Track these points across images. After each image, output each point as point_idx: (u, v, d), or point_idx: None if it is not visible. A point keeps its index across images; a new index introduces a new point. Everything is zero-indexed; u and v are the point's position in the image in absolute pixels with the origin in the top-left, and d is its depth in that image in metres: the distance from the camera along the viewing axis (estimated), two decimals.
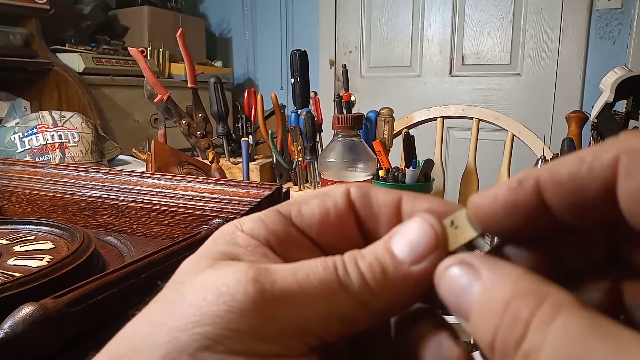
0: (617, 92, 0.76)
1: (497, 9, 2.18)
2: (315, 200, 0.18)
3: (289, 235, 0.17)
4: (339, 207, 0.17)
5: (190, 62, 1.16)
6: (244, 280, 0.14)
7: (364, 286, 0.14)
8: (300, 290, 0.14)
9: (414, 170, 0.79)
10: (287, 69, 2.42)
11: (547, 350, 0.11)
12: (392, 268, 0.15)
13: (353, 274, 0.15)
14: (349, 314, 0.14)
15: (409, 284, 0.15)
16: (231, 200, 0.43)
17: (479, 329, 0.13)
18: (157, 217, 0.45)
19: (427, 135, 1.47)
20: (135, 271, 0.30)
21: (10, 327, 0.22)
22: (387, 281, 0.15)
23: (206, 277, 0.15)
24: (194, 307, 0.14)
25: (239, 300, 0.13)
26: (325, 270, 0.14)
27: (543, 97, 2.14)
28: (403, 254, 0.15)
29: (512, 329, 0.12)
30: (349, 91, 1.06)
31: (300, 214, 0.17)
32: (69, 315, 0.25)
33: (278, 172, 1.06)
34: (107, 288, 0.28)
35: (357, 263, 0.15)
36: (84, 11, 2.26)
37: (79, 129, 1.16)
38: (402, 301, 0.15)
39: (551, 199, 0.14)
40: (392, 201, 0.17)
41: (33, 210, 0.50)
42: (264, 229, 0.17)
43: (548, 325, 0.11)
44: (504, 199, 0.14)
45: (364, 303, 0.14)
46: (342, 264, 0.15)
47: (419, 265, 0.15)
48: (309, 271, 0.14)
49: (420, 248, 0.15)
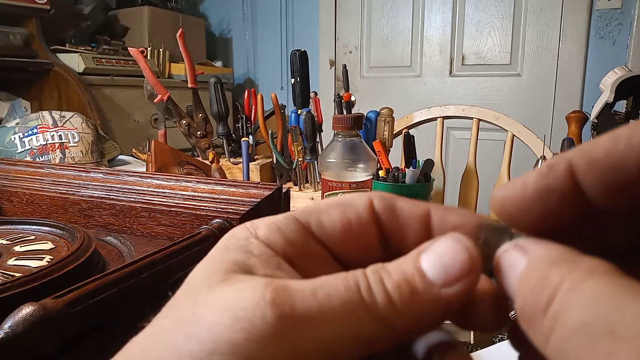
0: (617, 92, 0.76)
1: (497, 9, 2.18)
2: (336, 210, 0.17)
3: (306, 246, 0.16)
4: (362, 219, 0.16)
5: (190, 62, 1.16)
6: (262, 303, 0.13)
7: (390, 306, 0.14)
8: (321, 312, 0.13)
9: (414, 170, 0.79)
10: (287, 69, 2.42)
11: (574, 309, 0.11)
12: (421, 289, 0.14)
13: (378, 294, 0.14)
14: (371, 334, 0.14)
15: (438, 307, 0.14)
16: (231, 200, 0.43)
17: (518, 301, 0.13)
18: (157, 217, 0.45)
19: (427, 135, 1.47)
20: (136, 271, 0.30)
21: (10, 327, 0.22)
22: (415, 302, 0.14)
23: (221, 296, 0.14)
24: (208, 331, 0.13)
25: (258, 327, 0.13)
26: (347, 290, 0.14)
27: (543, 97, 2.14)
28: (434, 275, 0.14)
29: (542, 293, 0.12)
30: (349, 91, 1.06)
31: (320, 224, 0.16)
32: (69, 315, 0.25)
33: (278, 172, 1.06)
34: (107, 288, 0.28)
35: (382, 281, 0.14)
36: (84, 11, 2.26)
37: (79, 129, 1.16)
38: (429, 322, 0.15)
39: (586, 180, 0.13)
40: (420, 214, 0.16)
41: (33, 210, 0.50)
42: (280, 238, 0.16)
43: (577, 287, 0.11)
44: (535, 186, 0.14)
45: (388, 323, 0.14)
46: (365, 283, 0.14)
47: (451, 289, 0.14)
48: (329, 291, 0.14)
49: (453, 271, 0.14)
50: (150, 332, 0.14)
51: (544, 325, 0.12)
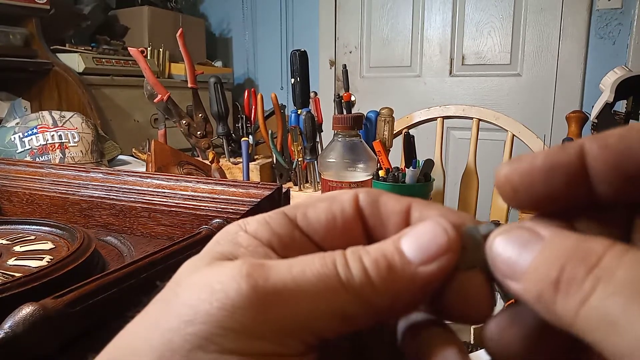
0: (617, 92, 0.76)
1: (497, 9, 2.18)
2: (322, 204, 0.17)
3: (293, 239, 0.17)
4: (346, 213, 0.17)
5: (190, 62, 1.16)
6: (238, 276, 0.14)
7: (367, 282, 0.14)
8: (296, 285, 0.14)
9: (414, 170, 0.79)
10: (287, 69, 2.42)
11: (622, 269, 0.11)
12: (399, 266, 0.14)
13: (355, 269, 0.14)
14: (349, 310, 0.14)
15: (415, 285, 0.14)
16: (231, 200, 0.43)
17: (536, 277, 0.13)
18: (157, 217, 0.45)
19: (427, 135, 1.47)
20: (136, 271, 0.30)
21: (10, 327, 0.22)
22: (393, 279, 0.14)
23: (201, 276, 0.14)
24: (187, 306, 0.13)
25: (232, 297, 0.13)
26: (323, 265, 0.14)
27: (543, 97, 2.14)
28: (412, 253, 0.15)
29: (584, 260, 0.12)
30: (349, 91, 1.06)
31: (306, 218, 0.17)
32: (69, 315, 0.25)
33: (278, 172, 1.06)
34: (107, 288, 0.28)
35: (361, 259, 0.14)
36: (84, 11, 2.26)
37: (79, 129, 1.16)
38: (406, 301, 0.15)
39: (595, 163, 0.13)
40: (401, 209, 0.17)
41: (33, 210, 0.50)
42: (268, 231, 0.16)
43: (622, 256, 0.12)
44: (544, 160, 0.14)
45: (366, 300, 0.14)
46: (342, 259, 0.14)
47: (428, 267, 0.14)
48: (305, 266, 0.14)
49: (430, 250, 0.14)
50: (137, 318, 0.15)
51: (585, 287, 0.12)
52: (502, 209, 1.12)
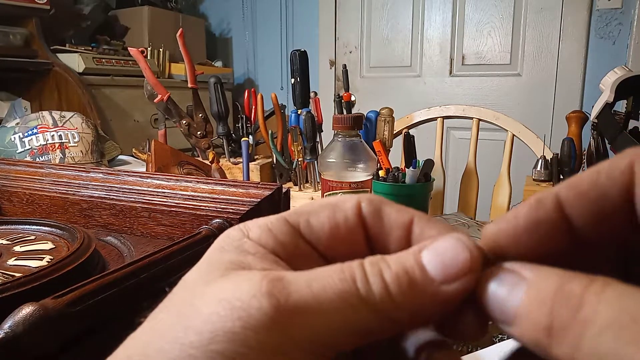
0: (617, 92, 0.76)
1: (497, 9, 2.18)
2: (325, 212, 0.17)
3: (296, 246, 0.17)
4: (349, 222, 0.17)
5: (190, 62, 1.16)
6: (259, 294, 0.13)
7: (387, 298, 0.14)
8: (317, 304, 0.14)
9: (414, 170, 0.79)
10: (287, 69, 2.42)
11: (604, 310, 0.12)
12: (421, 283, 0.14)
13: (375, 285, 0.14)
14: (368, 325, 0.14)
15: (436, 302, 0.14)
16: (231, 200, 0.43)
17: (528, 323, 0.13)
18: (157, 217, 0.45)
19: (427, 135, 1.47)
20: (136, 271, 0.30)
21: (10, 327, 0.22)
22: (414, 295, 0.14)
23: (219, 289, 0.14)
24: (208, 323, 0.13)
25: (255, 317, 0.13)
26: (342, 281, 0.14)
27: (543, 97, 2.14)
28: (434, 271, 0.14)
29: (567, 304, 0.12)
30: (349, 91, 1.06)
31: (309, 226, 0.17)
32: (69, 315, 0.25)
33: (278, 172, 1.06)
34: (107, 288, 0.28)
35: (381, 273, 0.14)
36: (84, 11, 2.26)
37: (79, 129, 1.16)
38: (425, 316, 0.15)
39: (573, 211, 0.14)
40: (404, 223, 0.17)
41: (33, 210, 0.50)
42: (271, 238, 0.16)
43: (601, 293, 0.12)
44: (526, 217, 0.15)
45: (385, 314, 0.14)
46: (361, 274, 0.14)
47: (450, 286, 0.14)
48: (324, 282, 0.14)
49: (454, 269, 0.14)
50: (148, 327, 0.15)
51: (574, 332, 0.12)
52: (502, 209, 1.13)
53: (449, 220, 0.79)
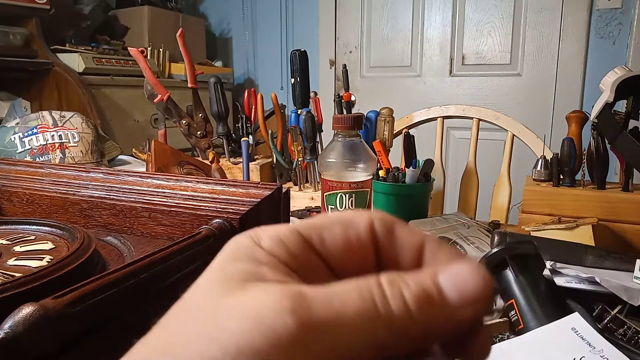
0: (617, 92, 0.75)
1: (497, 9, 2.18)
2: (338, 227, 0.18)
3: (307, 259, 0.17)
4: (361, 239, 0.17)
5: (190, 62, 1.16)
6: (282, 311, 0.14)
7: (406, 315, 0.15)
8: (338, 320, 0.14)
9: (414, 170, 0.79)
10: (287, 69, 2.42)
11: None
12: (438, 304, 0.15)
13: (394, 302, 0.15)
14: (386, 341, 0.14)
15: (451, 324, 0.15)
16: (231, 200, 0.43)
17: None
18: (157, 217, 0.45)
19: (427, 135, 1.47)
20: (136, 271, 0.30)
21: (10, 327, 0.22)
22: (431, 314, 0.15)
23: (240, 303, 0.14)
24: (233, 337, 0.14)
25: (279, 334, 0.13)
26: (362, 300, 0.15)
27: (543, 97, 2.14)
28: (451, 294, 0.15)
29: None
30: (349, 91, 1.06)
31: (322, 240, 0.17)
32: (69, 315, 0.25)
33: (278, 172, 1.06)
34: (107, 288, 0.28)
35: (401, 291, 0.15)
36: (84, 11, 2.26)
37: (79, 129, 1.16)
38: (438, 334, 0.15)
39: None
40: (415, 244, 0.17)
41: (33, 210, 0.50)
42: (283, 250, 0.17)
43: None
44: None
45: (402, 331, 0.15)
46: (379, 292, 0.15)
47: (465, 310, 0.15)
48: (344, 300, 0.14)
49: (469, 294, 0.15)
50: (164, 334, 0.15)
51: None
52: (502, 209, 1.13)
53: (449, 220, 0.79)
